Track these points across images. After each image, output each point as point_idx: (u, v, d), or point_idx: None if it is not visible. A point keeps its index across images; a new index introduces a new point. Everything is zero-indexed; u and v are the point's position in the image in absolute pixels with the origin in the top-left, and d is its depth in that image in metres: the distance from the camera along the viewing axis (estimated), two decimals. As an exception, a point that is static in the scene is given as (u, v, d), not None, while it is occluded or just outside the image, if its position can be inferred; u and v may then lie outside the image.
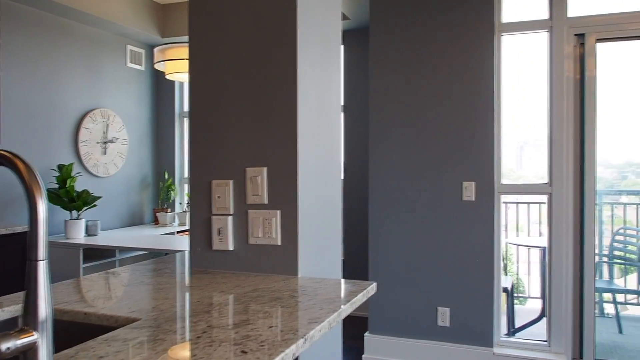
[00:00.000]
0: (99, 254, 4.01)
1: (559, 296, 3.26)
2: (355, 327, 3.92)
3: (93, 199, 4.06)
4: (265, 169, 1.61)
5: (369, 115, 3.54)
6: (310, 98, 1.67)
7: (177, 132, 5.40)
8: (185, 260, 1.88)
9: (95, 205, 4.13)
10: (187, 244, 1.75)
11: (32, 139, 4.06)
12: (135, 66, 5.09)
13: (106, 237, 4.13)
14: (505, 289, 3.75)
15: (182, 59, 3.77)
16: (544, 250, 3.71)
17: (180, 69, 3.81)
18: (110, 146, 4.77)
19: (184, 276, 1.62)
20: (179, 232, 4.76)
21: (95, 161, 4.61)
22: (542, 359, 3.22)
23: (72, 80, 4.40)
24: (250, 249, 1.63)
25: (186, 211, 5.11)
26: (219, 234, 1.65)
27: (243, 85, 1.65)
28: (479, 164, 3.28)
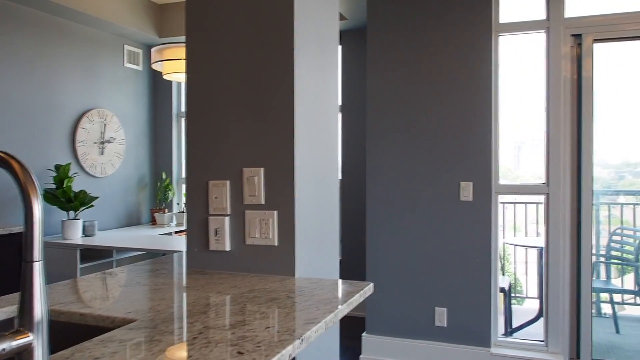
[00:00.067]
0: (96, 254, 4.01)
1: (556, 296, 3.26)
2: (352, 327, 3.92)
3: (90, 199, 4.06)
4: (262, 169, 1.61)
5: (367, 116, 3.54)
6: (307, 98, 1.67)
7: (175, 132, 5.39)
8: (183, 261, 1.88)
9: (92, 206, 4.13)
10: (185, 244, 1.74)
11: (29, 139, 4.05)
12: (133, 66, 5.08)
13: (103, 238, 4.13)
14: (502, 289, 3.75)
15: (180, 59, 3.77)
16: (541, 251, 3.71)
17: (177, 69, 3.81)
18: (108, 146, 4.77)
19: (180, 277, 1.62)
20: (176, 232, 4.75)
21: (93, 161, 4.60)
22: (539, 359, 3.22)
23: (69, 80, 4.39)
24: (247, 249, 1.63)
25: (184, 211, 5.10)
26: (215, 235, 1.65)
27: (240, 86, 1.65)
28: (477, 164, 3.29)
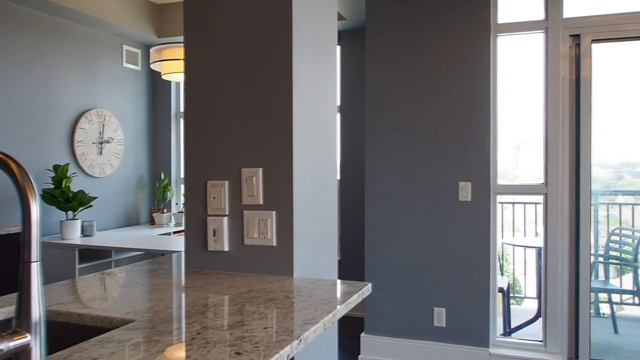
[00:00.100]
0: (94, 254, 4.00)
1: (555, 296, 3.27)
2: (351, 328, 3.93)
3: (89, 199, 4.05)
4: (260, 169, 1.61)
5: (365, 116, 3.54)
6: (305, 99, 1.67)
7: (174, 132, 5.39)
8: (181, 261, 1.88)
9: (91, 206, 4.12)
10: (183, 244, 1.74)
11: (28, 139, 4.05)
12: (132, 66, 5.08)
13: (102, 238, 4.12)
14: (501, 289, 3.76)
15: (178, 59, 3.77)
16: (540, 251, 3.72)
17: (176, 69, 3.80)
18: (106, 146, 4.76)
19: (179, 277, 1.62)
20: (175, 232, 4.75)
21: (91, 161, 4.60)
22: (538, 359, 3.22)
23: (68, 81, 4.38)
24: (245, 249, 1.63)
25: (182, 211, 5.10)
26: (214, 235, 1.65)
27: (238, 86, 1.65)
28: (475, 164, 3.29)
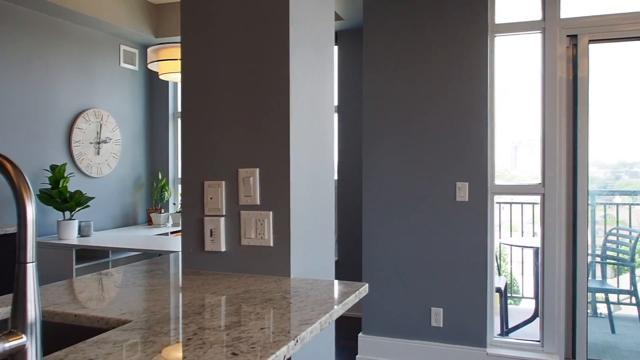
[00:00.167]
0: (92, 254, 4.00)
1: (552, 296, 3.27)
2: (349, 328, 3.93)
3: (86, 199, 4.05)
4: (257, 169, 1.61)
5: (363, 116, 3.54)
6: (302, 99, 1.67)
7: (171, 132, 5.38)
8: (179, 261, 1.87)
9: (88, 206, 4.11)
10: (180, 244, 1.74)
11: (25, 139, 4.04)
12: (129, 66, 5.07)
13: (99, 238, 4.11)
14: (498, 289, 3.76)
15: (176, 59, 3.76)
16: (537, 251, 3.72)
17: (174, 69, 3.80)
18: (104, 146, 4.75)
19: (176, 277, 1.61)
20: (172, 232, 4.75)
21: (89, 161, 4.59)
22: (535, 359, 3.23)
23: (65, 81, 4.38)
24: (242, 250, 1.63)
25: (180, 212, 5.09)
26: (211, 235, 1.65)
27: (235, 86, 1.64)
28: (473, 164, 3.29)
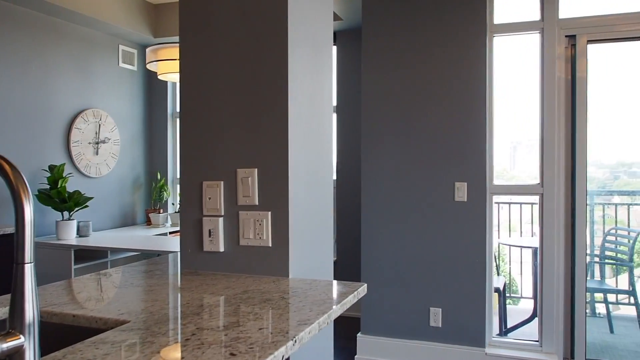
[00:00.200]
0: (90, 255, 3.99)
1: (551, 296, 3.27)
2: (347, 328, 3.93)
3: (85, 199, 4.04)
4: (256, 170, 1.61)
5: (362, 116, 3.54)
6: (301, 99, 1.67)
7: (170, 132, 5.38)
8: (177, 262, 1.87)
9: (87, 206, 4.11)
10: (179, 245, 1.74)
11: (24, 139, 4.03)
12: (128, 66, 5.06)
13: (98, 238, 4.11)
14: (497, 289, 3.76)
15: (175, 59, 3.75)
16: (536, 251, 3.72)
17: (172, 69, 3.79)
18: (102, 146, 4.75)
19: (174, 278, 1.61)
20: (171, 232, 4.75)
21: (87, 162, 4.59)
22: (533, 359, 3.23)
23: (64, 81, 4.37)
24: (241, 250, 1.63)
25: (178, 212, 5.09)
26: (209, 235, 1.65)
27: (234, 86, 1.64)
28: (471, 164, 3.29)
